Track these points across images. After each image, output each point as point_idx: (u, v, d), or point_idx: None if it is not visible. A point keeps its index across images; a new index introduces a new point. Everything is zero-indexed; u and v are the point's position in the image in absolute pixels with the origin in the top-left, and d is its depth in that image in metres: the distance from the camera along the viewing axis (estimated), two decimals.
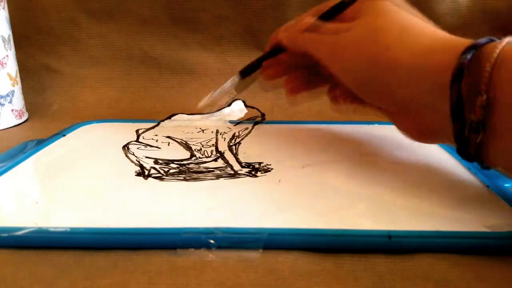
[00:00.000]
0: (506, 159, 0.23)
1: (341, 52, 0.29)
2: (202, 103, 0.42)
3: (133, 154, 0.34)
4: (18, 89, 0.49)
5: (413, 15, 0.28)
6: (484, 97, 0.22)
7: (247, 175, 0.30)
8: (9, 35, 0.47)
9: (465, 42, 0.24)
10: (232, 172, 0.30)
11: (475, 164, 0.31)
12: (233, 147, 0.36)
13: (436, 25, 0.28)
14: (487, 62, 0.22)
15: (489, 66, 0.22)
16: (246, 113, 0.44)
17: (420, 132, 0.28)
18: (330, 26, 0.32)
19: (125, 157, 0.34)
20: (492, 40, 0.23)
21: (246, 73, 0.39)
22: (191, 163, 0.32)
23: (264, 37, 0.56)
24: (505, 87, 0.22)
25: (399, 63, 0.26)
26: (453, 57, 0.23)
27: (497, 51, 0.22)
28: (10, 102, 0.47)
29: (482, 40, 0.23)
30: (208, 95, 0.41)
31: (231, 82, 0.40)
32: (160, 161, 0.32)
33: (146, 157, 0.33)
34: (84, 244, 0.22)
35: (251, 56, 0.57)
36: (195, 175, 0.30)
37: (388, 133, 0.40)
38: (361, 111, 0.34)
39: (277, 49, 0.36)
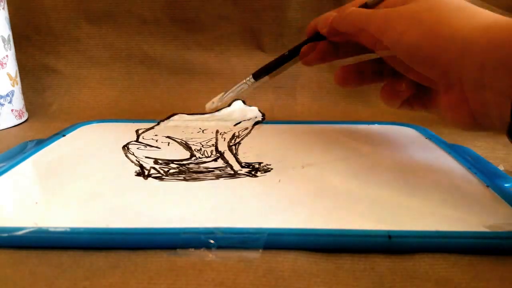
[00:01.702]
0: None
1: (395, 22, 0.28)
2: (211, 104, 0.42)
3: (133, 154, 0.34)
4: (18, 89, 0.49)
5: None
6: None
7: (247, 175, 0.30)
8: (9, 35, 0.47)
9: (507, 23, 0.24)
10: (232, 172, 0.30)
11: (475, 164, 0.31)
12: (233, 147, 0.36)
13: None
14: None
15: None
16: (249, 113, 0.44)
17: (469, 113, 0.26)
18: (381, 5, 0.32)
19: (125, 157, 0.34)
20: None
21: (258, 75, 0.39)
22: (191, 163, 0.32)
23: (264, 37, 0.56)
24: None
25: (459, 34, 0.25)
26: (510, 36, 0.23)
27: None
28: (10, 102, 0.47)
29: None
30: (218, 96, 0.41)
31: (243, 84, 0.40)
32: (160, 161, 0.32)
33: (146, 157, 0.33)
34: (84, 244, 0.22)
35: (251, 56, 0.57)
36: (195, 175, 0.30)
37: (388, 133, 0.40)
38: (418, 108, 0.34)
39: (316, 37, 0.37)
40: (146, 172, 0.30)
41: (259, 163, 0.32)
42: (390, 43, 0.29)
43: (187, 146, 0.36)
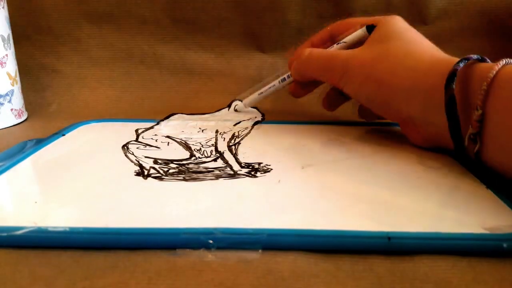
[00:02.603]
0: (499, 161, 0.28)
1: (354, 74, 0.34)
2: (246, 100, 0.44)
3: (133, 154, 0.34)
4: (17, 88, 0.49)
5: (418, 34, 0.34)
6: (480, 112, 0.26)
7: (247, 175, 0.30)
8: (8, 35, 0.47)
9: (456, 59, 0.29)
10: (232, 172, 0.30)
11: (475, 165, 0.31)
12: (233, 147, 0.36)
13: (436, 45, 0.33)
14: (484, 81, 0.26)
15: (486, 85, 0.26)
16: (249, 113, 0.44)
17: (424, 140, 0.34)
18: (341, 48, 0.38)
19: (125, 156, 0.33)
20: (483, 59, 0.29)
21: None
22: (190, 163, 0.32)
23: (264, 38, 0.56)
24: (497, 105, 0.26)
25: (401, 86, 0.31)
26: (445, 75, 0.28)
27: (494, 72, 0.26)
28: (10, 101, 0.47)
29: (473, 56, 0.29)
30: (255, 94, 0.42)
31: (282, 80, 0.41)
32: (159, 161, 0.32)
33: (145, 156, 0.33)
34: (83, 244, 0.22)
35: (251, 57, 0.57)
36: (194, 175, 0.30)
37: (388, 134, 0.40)
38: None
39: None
40: (146, 172, 0.30)
41: (259, 163, 0.32)
42: (350, 93, 0.36)
43: (186, 146, 0.36)
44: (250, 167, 0.31)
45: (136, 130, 0.40)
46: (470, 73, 0.28)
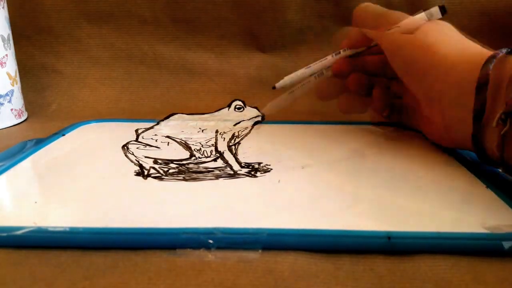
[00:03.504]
0: None
1: (402, 50, 0.34)
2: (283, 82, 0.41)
3: (133, 154, 0.34)
4: (17, 88, 0.49)
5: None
6: None
7: (247, 175, 0.30)
8: (8, 35, 0.47)
9: (487, 53, 0.29)
10: (232, 172, 0.30)
11: (475, 164, 0.31)
12: (233, 147, 0.36)
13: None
14: None
15: None
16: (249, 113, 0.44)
17: (441, 127, 0.32)
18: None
19: (125, 156, 0.33)
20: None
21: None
22: (190, 163, 0.32)
23: (264, 38, 0.56)
24: None
25: (448, 55, 0.31)
26: (478, 66, 0.28)
27: None
28: (10, 101, 0.47)
29: (503, 50, 0.28)
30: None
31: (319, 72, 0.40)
32: (159, 161, 0.32)
33: (145, 156, 0.33)
34: (83, 244, 0.22)
35: (251, 57, 0.57)
36: (194, 175, 0.30)
37: (388, 134, 0.40)
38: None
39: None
40: (146, 172, 0.30)
41: (259, 163, 0.32)
42: (390, 50, 0.35)
43: (186, 146, 0.36)
44: (250, 167, 0.31)
45: (136, 130, 0.40)
46: (505, 62, 0.28)
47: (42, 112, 0.53)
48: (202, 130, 0.40)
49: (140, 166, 0.31)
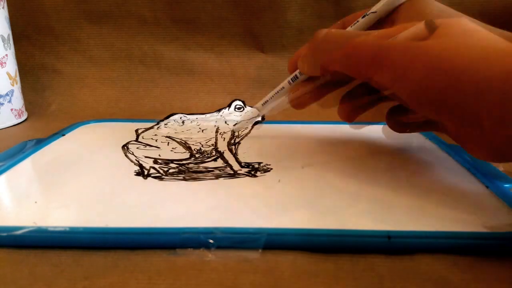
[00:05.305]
0: None
1: (408, 69, 0.25)
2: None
3: (133, 154, 0.34)
4: (17, 88, 0.49)
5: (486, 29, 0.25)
6: None
7: (247, 175, 0.30)
8: (8, 35, 0.47)
9: None
10: (232, 172, 0.30)
11: (475, 164, 0.31)
12: (233, 147, 0.36)
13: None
14: None
15: None
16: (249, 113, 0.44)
17: (490, 147, 0.24)
18: (378, 32, 0.27)
19: (125, 156, 0.33)
20: None
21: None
22: (190, 163, 0.32)
23: (264, 38, 0.56)
24: None
25: (473, 66, 0.23)
26: None
27: None
28: (10, 101, 0.47)
29: None
30: (259, 103, 0.38)
31: (293, 79, 0.35)
32: (159, 161, 0.32)
33: (145, 156, 0.33)
34: (83, 243, 0.22)
35: (251, 57, 0.57)
36: (194, 175, 0.30)
37: (388, 134, 0.40)
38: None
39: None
40: (146, 172, 0.30)
41: (259, 163, 0.32)
42: (403, 90, 0.25)
43: (186, 146, 0.36)
44: (250, 166, 0.31)
45: (136, 130, 0.40)
46: None
47: (42, 112, 0.53)
48: (202, 130, 0.40)
49: (140, 166, 0.31)
